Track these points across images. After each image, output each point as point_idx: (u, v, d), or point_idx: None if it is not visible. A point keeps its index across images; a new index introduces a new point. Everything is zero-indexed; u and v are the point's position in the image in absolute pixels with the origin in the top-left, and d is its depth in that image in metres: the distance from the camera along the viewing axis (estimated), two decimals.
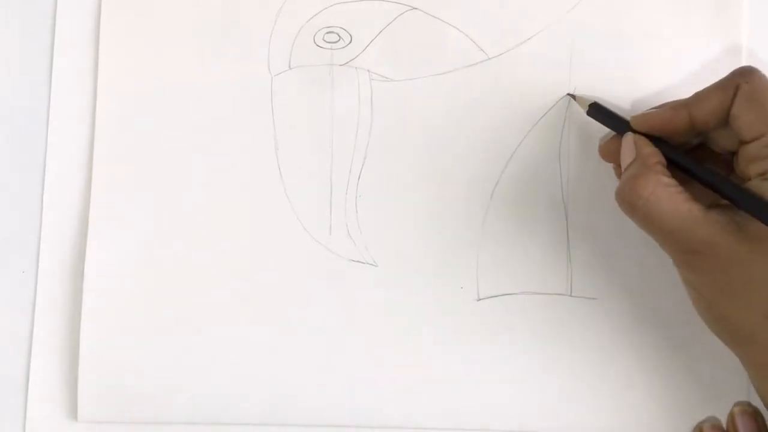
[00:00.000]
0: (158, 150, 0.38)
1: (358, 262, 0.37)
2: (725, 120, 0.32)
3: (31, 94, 0.39)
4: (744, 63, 0.37)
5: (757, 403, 0.36)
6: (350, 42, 0.38)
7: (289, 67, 0.38)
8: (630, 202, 0.31)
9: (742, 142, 0.32)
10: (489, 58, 0.38)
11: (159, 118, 0.38)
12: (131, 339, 0.37)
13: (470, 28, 0.38)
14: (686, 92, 0.37)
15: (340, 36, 0.38)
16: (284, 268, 0.37)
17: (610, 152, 0.35)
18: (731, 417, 0.36)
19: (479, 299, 0.37)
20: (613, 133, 0.35)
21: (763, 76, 0.32)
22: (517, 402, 0.37)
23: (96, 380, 0.37)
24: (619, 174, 0.35)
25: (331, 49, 0.38)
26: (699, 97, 0.33)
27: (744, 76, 0.31)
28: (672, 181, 0.31)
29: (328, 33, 0.38)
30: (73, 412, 0.37)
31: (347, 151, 0.38)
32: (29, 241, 0.38)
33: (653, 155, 0.32)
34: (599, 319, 0.37)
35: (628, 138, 0.33)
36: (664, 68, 0.37)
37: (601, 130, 0.37)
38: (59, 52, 0.39)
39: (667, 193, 0.30)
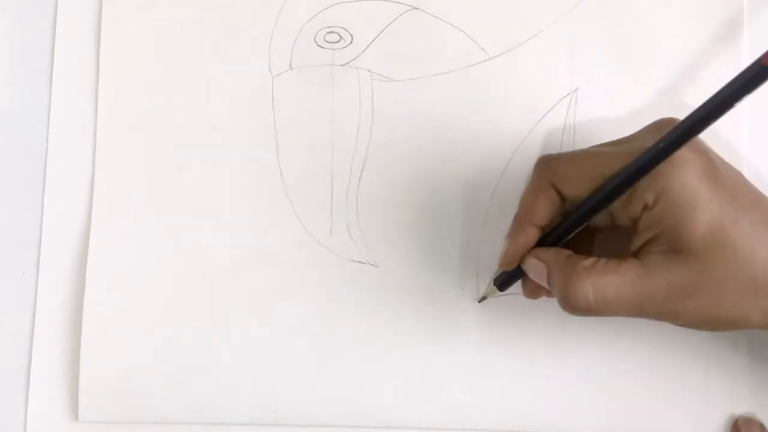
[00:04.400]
0: (160, 150, 0.38)
1: (358, 262, 0.37)
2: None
3: (32, 94, 0.39)
4: (744, 63, 0.37)
5: (761, 405, 0.36)
6: (351, 42, 0.38)
7: (290, 67, 0.38)
8: (585, 308, 0.29)
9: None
10: (490, 58, 0.38)
11: (160, 118, 0.38)
12: (132, 339, 0.37)
13: (471, 28, 0.38)
14: (686, 92, 0.37)
15: (341, 36, 0.38)
16: (285, 269, 0.37)
17: (533, 292, 0.34)
18: (736, 428, 0.36)
19: (479, 299, 0.37)
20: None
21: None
22: (517, 402, 0.37)
23: (97, 380, 0.37)
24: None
25: (332, 49, 0.38)
26: (529, 210, 0.32)
27: (547, 168, 0.32)
28: (592, 260, 0.30)
29: (329, 33, 0.38)
30: (73, 412, 0.37)
31: (348, 151, 0.38)
32: (30, 241, 0.38)
33: (557, 255, 0.31)
34: (599, 319, 0.37)
35: (528, 262, 0.32)
36: (664, 68, 0.37)
37: (601, 127, 0.37)
38: (60, 51, 0.39)
39: (601, 274, 0.29)
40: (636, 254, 0.30)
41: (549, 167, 0.32)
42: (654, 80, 0.37)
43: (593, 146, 0.33)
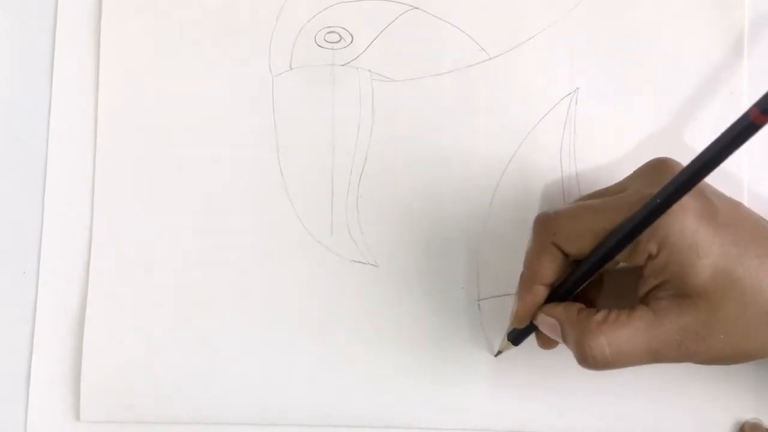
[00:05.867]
0: (160, 150, 0.38)
1: (359, 262, 0.37)
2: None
3: (32, 94, 0.39)
4: (745, 63, 0.37)
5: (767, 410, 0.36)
6: (351, 42, 0.38)
7: (291, 67, 0.38)
8: (603, 364, 0.30)
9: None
10: (490, 58, 0.38)
11: (161, 118, 0.38)
12: (133, 339, 0.37)
13: (471, 28, 0.38)
14: (686, 92, 0.37)
15: (341, 36, 0.38)
16: (285, 269, 0.37)
17: (548, 343, 0.34)
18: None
19: (480, 299, 0.37)
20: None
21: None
22: (517, 402, 0.37)
23: (98, 380, 0.37)
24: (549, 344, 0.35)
25: (333, 49, 0.38)
26: (534, 271, 0.32)
27: (547, 227, 0.32)
28: (603, 313, 0.30)
29: (329, 33, 0.38)
30: (75, 412, 0.37)
31: (348, 151, 0.38)
32: (30, 241, 0.38)
33: (568, 310, 0.31)
34: None
35: (540, 319, 0.32)
36: (665, 68, 0.37)
37: (603, 129, 0.37)
38: (60, 51, 0.39)
39: (614, 327, 0.29)
40: (644, 299, 0.30)
41: (548, 227, 0.32)
42: (654, 80, 0.37)
43: (587, 197, 0.33)
